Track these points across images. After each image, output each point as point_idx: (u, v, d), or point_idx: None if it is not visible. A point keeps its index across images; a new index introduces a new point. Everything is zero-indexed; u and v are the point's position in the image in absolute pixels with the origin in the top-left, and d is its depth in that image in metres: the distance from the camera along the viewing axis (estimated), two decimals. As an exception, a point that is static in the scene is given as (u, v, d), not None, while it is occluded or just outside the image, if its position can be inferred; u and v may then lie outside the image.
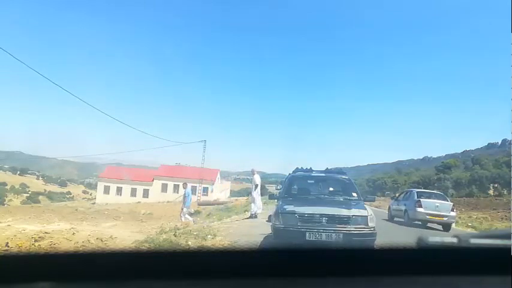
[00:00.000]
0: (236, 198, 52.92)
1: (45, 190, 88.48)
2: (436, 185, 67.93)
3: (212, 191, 53.55)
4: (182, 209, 15.09)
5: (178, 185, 53.33)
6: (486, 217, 27.13)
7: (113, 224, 18.91)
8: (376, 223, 6.67)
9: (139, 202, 46.35)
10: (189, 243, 8.30)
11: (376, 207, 32.96)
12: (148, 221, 21.27)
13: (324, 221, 6.24)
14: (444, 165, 74.61)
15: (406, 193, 17.96)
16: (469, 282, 1.08)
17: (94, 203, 47.44)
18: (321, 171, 8.43)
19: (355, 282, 1.07)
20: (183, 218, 14.78)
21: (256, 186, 13.87)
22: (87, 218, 20.41)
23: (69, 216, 19.54)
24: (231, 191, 70.08)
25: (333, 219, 6.26)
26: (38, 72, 22.31)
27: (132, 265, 1.05)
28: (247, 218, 14.25)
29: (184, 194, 15.41)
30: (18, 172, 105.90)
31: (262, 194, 15.37)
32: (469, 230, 16.68)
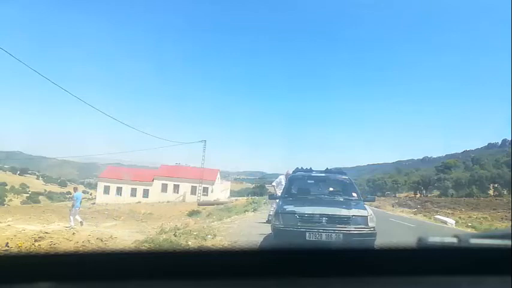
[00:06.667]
0: (236, 198, 52.91)
1: (45, 190, 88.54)
2: (436, 185, 67.97)
3: (212, 191, 53.51)
4: (71, 211, 15.25)
5: (178, 185, 53.43)
6: (486, 217, 27.13)
7: (113, 224, 18.92)
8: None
9: (139, 202, 46.29)
10: (189, 243, 8.30)
11: (376, 207, 33.01)
12: (148, 221, 21.27)
13: (324, 221, 6.24)
14: (444, 165, 74.64)
15: None
16: (469, 282, 1.08)
17: (94, 203, 47.35)
18: (321, 171, 8.42)
19: (356, 282, 1.07)
20: (71, 218, 14.98)
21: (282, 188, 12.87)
22: (87, 218, 20.37)
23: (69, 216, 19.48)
24: (231, 191, 70.05)
25: (333, 219, 6.25)
26: (38, 72, 22.32)
27: (132, 265, 1.05)
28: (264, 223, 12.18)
29: (73, 197, 15.91)
30: (18, 172, 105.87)
31: (262, 194, 15.19)
32: (469, 230, 16.68)
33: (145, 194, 52.98)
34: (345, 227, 6.15)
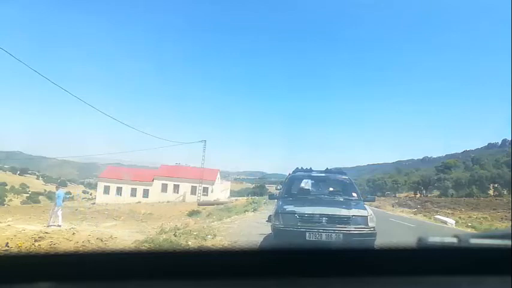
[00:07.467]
0: (236, 198, 52.87)
1: (45, 190, 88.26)
2: (436, 185, 67.93)
3: (212, 191, 53.49)
4: (53, 209, 15.51)
5: (178, 185, 53.39)
6: (486, 217, 27.13)
7: (113, 224, 18.90)
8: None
9: (139, 202, 46.24)
10: (189, 243, 8.30)
11: (376, 207, 33.00)
12: (148, 221, 21.25)
13: (324, 221, 6.23)
14: (444, 165, 74.61)
15: None
16: (469, 282, 1.08)
17: (94, 203, 47.32)
18: (321, 171, 8.41)
19: (356, 282, 1.07)
20: (51, 216, 15.20)
21: None
22: (87, 218, 20.36)
23: (69, 216, 19.50)
24: (231, 191, 70.01)
25: (332, 219, 6.25)
26: (38, 72, 22.25)
27: (132, 265, 1.05)
28: None
29: (55, 195, 16.19)
30: (18, 172, 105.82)
31: (262, 194, 15.28)
32: (469, 230, 16.69)
33: (145, 194, 52.94)
34: (345, 227, 6.15)
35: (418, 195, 67.17)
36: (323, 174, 8.30)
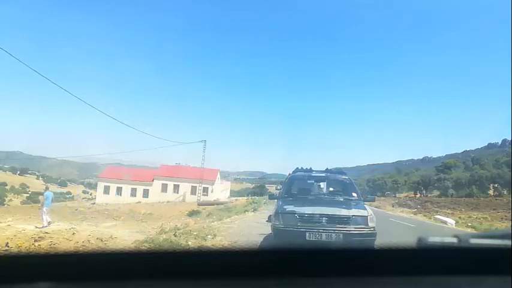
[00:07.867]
0: (236, 198, 52.86)
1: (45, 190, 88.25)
2: (436, 185, 67.92)
3: (212, 191, 53.47)
4: (42, 209, 15.65)
5: (178, 185, 53.37)
6: (486, 217, 27.14)
7: (113, 224, 18.90)
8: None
9: (139, 202, 46.22)
10: (189, 243, 8.30)
11: (376, 207, 32.99)
12: (148, 221, 21.24)
13: (323, 221, 6.23)
14: (444, 165, 74.62)
15: None
16: (469, 282, 1.08)
17: (94, 203, 47.28)
18: (321, 171, 8.40)
19: (355, 282, 1.07)
20: (44, 218, 15.33)
21: None
22: (87, 218, 20.37)
23: (69, 216, 19.52)
24: (231, 191, 69.97)
25: (332, 219, 6.25)
26: (38, 72, 22.24)
27: (132, 265, 1.05)
28: None
29: (44, 196, 16.40)
30: (18, 172, 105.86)
31: (262, 194, 15.29)
32: (469, 230, 16.69)
33: (145, 194, 52.91)
34: (345, 227, 6.15)
35: (418, 195, 67.16)
36: (323, 174, 8.29)
